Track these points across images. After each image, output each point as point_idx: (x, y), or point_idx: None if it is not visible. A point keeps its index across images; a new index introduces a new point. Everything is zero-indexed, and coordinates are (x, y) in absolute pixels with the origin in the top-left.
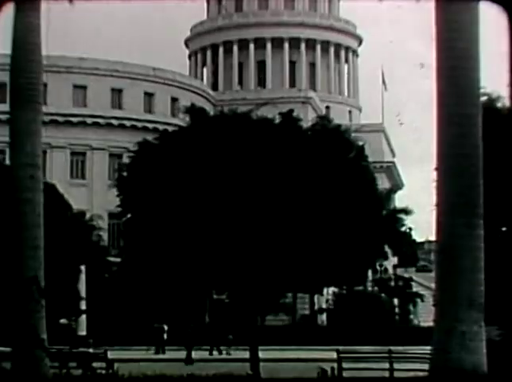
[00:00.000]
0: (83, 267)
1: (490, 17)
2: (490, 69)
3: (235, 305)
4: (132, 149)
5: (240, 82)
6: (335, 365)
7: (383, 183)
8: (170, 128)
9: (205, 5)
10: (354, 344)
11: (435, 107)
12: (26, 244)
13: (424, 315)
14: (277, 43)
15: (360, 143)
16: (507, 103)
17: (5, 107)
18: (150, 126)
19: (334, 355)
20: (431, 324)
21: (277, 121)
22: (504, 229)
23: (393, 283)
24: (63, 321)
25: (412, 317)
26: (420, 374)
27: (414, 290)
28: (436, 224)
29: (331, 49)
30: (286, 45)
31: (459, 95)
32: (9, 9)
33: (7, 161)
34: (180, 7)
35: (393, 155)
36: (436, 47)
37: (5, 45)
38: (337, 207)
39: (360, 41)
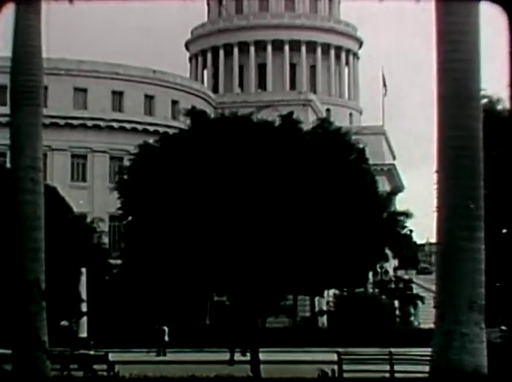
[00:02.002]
0: (83, 270)
1: (490, 17)
2: (489, 70)
3: (236, 308)
4: (133, 151)
5: (241, 84)
6: (336, 367)
7: (384, 185)
8: (171, 131)
9: (206, 7)
10: (355, 346)
11: (435, 108)
12: (27, 247)
13: (425, 317)
14: (278, 45)
15: (361, 146)
16: (507, 105)
17: (6, 109)
18: (151, 128)
19: (334, 357)
20: (431, 326)
21: (277, 123)
22: (504, 231)
23: (393, 285)
24: (64, 323)
25: (412, 319)
26: (421, 376)
27: (415, 292)
28: (437, 226)
29: (332, 52)
30: (287, 48)
31: (460, 97)
32: (10, 10)
33: (8, 164)
34: (181, 9)
35: (394, 157)
36: (437, 48)
37: (5, 47)
38: (338, 209)
39: (360, 44)
